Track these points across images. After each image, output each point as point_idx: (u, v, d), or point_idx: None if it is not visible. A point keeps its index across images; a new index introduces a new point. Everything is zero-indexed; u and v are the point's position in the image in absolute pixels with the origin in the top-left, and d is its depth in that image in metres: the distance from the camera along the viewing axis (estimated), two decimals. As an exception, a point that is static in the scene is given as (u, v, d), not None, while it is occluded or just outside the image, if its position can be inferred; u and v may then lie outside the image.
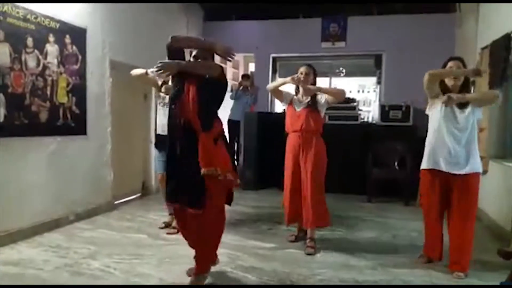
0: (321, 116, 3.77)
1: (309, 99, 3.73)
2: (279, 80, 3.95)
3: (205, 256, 2.87)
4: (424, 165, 3.25)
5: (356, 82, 9.65)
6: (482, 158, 4.42)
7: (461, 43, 6.33)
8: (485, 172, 4.48)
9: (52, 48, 4.05)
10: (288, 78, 3.77)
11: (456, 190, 3.10)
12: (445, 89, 3.16)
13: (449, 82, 3.14)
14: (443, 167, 3.10)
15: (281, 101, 3.93)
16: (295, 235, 3.92)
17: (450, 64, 3.17)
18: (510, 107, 4.52)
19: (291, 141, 3.78)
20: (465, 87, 3.16)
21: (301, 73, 3.72)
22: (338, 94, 3.74)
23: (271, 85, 3.98)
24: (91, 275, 2.99)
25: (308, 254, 3.54)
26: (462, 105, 3.07)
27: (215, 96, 2.80)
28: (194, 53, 2.83)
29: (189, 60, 2.83)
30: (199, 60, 2.80)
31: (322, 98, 3.72)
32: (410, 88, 6.30)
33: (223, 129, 2.90)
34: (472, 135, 3.10)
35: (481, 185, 3.16)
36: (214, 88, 2.76)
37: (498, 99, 3.20)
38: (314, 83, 3.78)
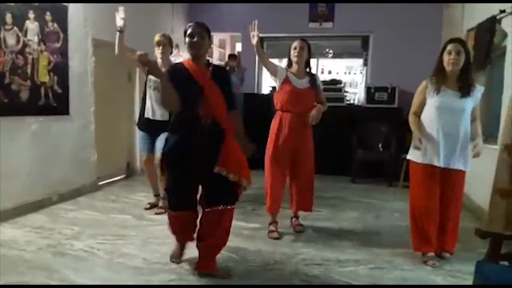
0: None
1: (308, 78, 3.52)
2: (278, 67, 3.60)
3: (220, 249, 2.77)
4: (417, 158, 3.03)
5: (344, 63, 9.64)
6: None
7: (448, 25, 6.33)
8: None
9: (32, 25, 3.93)
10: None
11: (449, 182, 2.99)
12: (440, 74, 2.97)
13: (447, 67, 2.93)
14: (436, 161, 2.94)
15: (273, 73, 3.53)
16: (277, 231, 3.58)
17: (449, 47, 2.93)
18: (495, 90, 4.56)
19: (287, 121, 3.48)
20: (465, 72, 2.95)
21: (295, 48, 3.47)
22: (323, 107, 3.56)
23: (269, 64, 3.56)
24: (74, 255, 2.99)
25: (299, 232, 3.62)
26: (464, 94, 2.92)
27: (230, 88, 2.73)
28: (189, 31, 2.52)
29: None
30: (196, 38, 2.50)
31: (319, 81, 3.64)
32: (396, 70, 6.35)
33: None
34: (468, 126, 2.97)
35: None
36: (225, 78, 2.70)
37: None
38: (308, 59, 3.54)
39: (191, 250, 2.88)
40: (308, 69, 3.59)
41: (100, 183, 5.14)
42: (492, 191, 3.31)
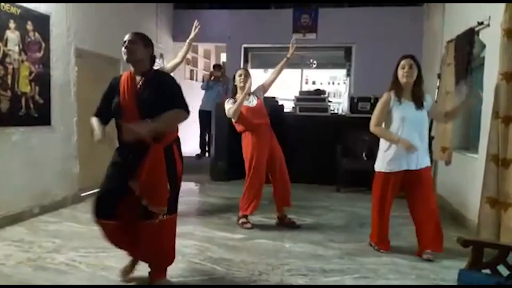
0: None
1: (253, 95, 4.08)
2: (236, 104, 3.95)
3: (170, 260, 2.71)
4: (384, 167, 3.30)
5: (327, 73, 9.75)
6: (446, 149, 4.58)
7: (428, 36, 6.47)
8: (448, 163, 4.63)
9: (12, 35, 3.87)
10: (242, 95, 3.93)
11: (416, 183, 3.25)
12: (398, 87, 3.24)
13: (401, 79, 3.21)
14: (405, 166, 3.22)
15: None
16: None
17: (402, 62, 3.22)
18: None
19: (262, 133, 4.04)
20: (417, 84, 3.24)
21: (240, 75, 4.02)
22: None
23: (232, 110, 3.94)
24: (55, 269, 2.92)
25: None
26: (418, 105, 3.20)
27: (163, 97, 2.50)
28: (124, 39, 2.51)
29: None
30: (127, 43, 2.48)
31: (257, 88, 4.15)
32: (378, 80, 6.39)
33: (177, 135, 2.69)
34: (426, 131, 3.33)
35: (445, 175, 3.28)
36: (160, 82, 2.53)
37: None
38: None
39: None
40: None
41: (82, 195, 5.04)
42: (481, 200, 3.37)
